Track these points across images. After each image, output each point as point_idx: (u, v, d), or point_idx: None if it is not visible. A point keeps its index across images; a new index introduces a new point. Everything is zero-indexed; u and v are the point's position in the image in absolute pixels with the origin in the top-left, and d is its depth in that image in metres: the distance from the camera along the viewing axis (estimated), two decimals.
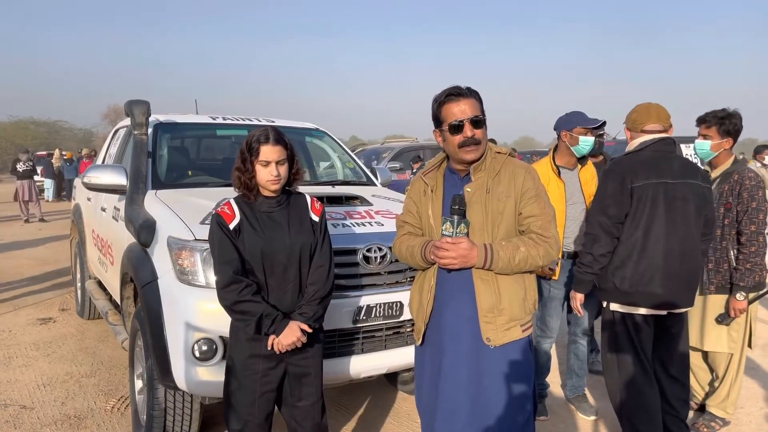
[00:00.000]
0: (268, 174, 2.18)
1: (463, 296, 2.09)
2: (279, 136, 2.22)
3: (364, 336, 2.82)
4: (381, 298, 2.79)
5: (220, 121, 4.22)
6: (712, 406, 3.29)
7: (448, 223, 2.01)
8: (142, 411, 2.98)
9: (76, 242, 5.36)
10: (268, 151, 2.17)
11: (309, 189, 3.08)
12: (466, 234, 2.02)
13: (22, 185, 13.47)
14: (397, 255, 2.31)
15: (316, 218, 2.33)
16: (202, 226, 2.65)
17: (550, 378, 3.61)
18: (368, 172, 4.43)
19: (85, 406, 3.60)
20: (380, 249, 2.83)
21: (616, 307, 2.80)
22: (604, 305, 2.87)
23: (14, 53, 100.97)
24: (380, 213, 3.18)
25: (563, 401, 3.72)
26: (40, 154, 22.41)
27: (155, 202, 3.14)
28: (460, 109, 2.06)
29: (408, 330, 2.94)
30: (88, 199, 4.72)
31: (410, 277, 2.85)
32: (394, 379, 3.84)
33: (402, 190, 3.04)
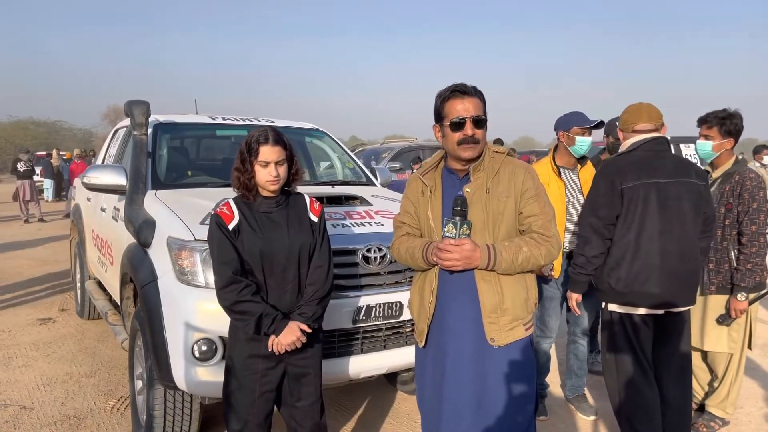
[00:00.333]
0: (267, 174, 2.18)
1: (465, 297, 2.08)
2: (278, 137, 2.22)
3: (364, 336, 2.82)
4: (380, 298, 2.80)
5: (220, 121, 4.23)
6: (712, 406, 3.29)
7: (451, 225, 1.99)
8: (142, 411, 2.98)
9: (76, 242, 5.36)
10: (268, 152, 2.17)
11: (309, 189, 3.09)
12: (468, 235, 2.01)
13: (23, 185, 13.47)
14: (395, 256, 2.29)
15: (315, 218, 2.33)
16: (201, 227, 2.65)
17: (550, 378, 3.61)
18: (368, 172, 4.43)
19: (85, 406, 3.60)
20: (380, 249, 2.83)
21: (614, 308, 2.80)
22: (603, 306, 2.87)
23: (14, 53, 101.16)
24: (380, 213, 3.18)
25: (563, 401, 3.72)
26: (39, 154, 22.38)
27: (155, 203, 3.14)
28: (464, 107, 2.06)
29: (408, 330, 2.94)
30: (88, 200, 4.72)
31: (410, 278, 2.85)
32: (393, 379, 3.84)
33: (401, 190, 3.05)
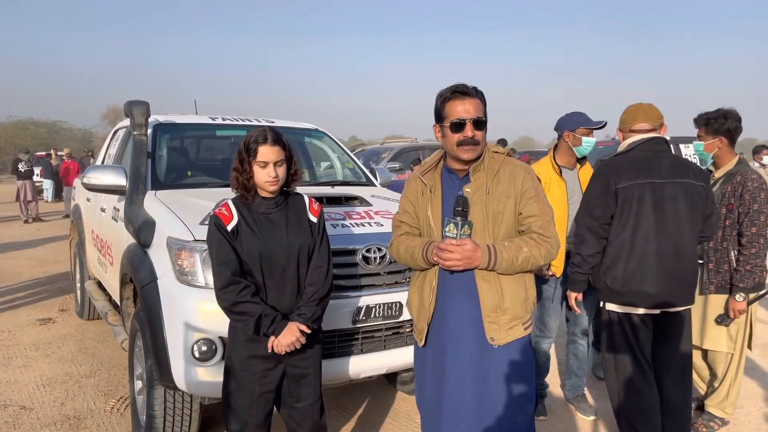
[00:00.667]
0: (266, 175, 2.17)
1: (465, 297, 2.09)
2: (277, 137, 2.21)
3: (364, 336, 2.82)
4: (380, 298, 2.80)
5: (220, 121, 4.23)
6: (711, 406, 3.29)
7: (452, 225, 2.00)
8: (142, 411, 2.98)
9: (76, 243, 5.36)
10: (266, 152, 2.17)
11: (308, 189, 3.09)
12: (469, 235, 2.02)
13: (24, 185, 13.47)
14: (394, 255, 2.30)
15: (314, 219, 2.33)
16: (201, 227, 2.65)
17: (550, 378, 3.61)
18: (367, 172, 4.43)
19: (85, 406, 3.60)
20: (379, 249, 2.84)
21: (612, 307, 2.80)
22: (600, 305, 2.87)
23: (14, 53, 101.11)
24: (379, 213, 3.18)
25: (562, 401, 3.72)
26: (39, 154, 22.38)
27: (155, 203, 3.14)
28: (464, 108, 2.06)
29: (407, 330, 2.94)
30: (88, 200, 4.72)
31: (410, 278, 2.84)
32: (393, 380, 3.84)
33: (401, 191, 3.05)
